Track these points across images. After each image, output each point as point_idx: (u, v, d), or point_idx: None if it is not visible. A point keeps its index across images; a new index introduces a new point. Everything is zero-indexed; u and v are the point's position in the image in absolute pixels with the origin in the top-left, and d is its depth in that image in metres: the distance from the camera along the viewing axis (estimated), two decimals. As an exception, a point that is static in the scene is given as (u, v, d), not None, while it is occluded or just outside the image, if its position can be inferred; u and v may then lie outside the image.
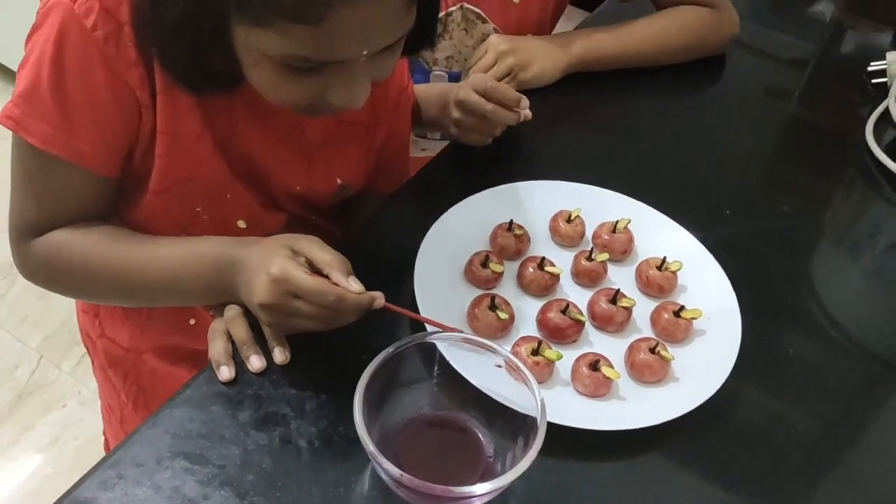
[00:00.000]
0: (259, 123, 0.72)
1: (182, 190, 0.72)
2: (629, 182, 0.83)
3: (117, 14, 0.63)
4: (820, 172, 0.95)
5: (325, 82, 0.61)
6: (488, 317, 0.69)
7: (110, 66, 0.64)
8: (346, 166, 0.80)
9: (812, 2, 1.32)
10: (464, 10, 0.99)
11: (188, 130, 0.69)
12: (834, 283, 0.81)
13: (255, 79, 0.62)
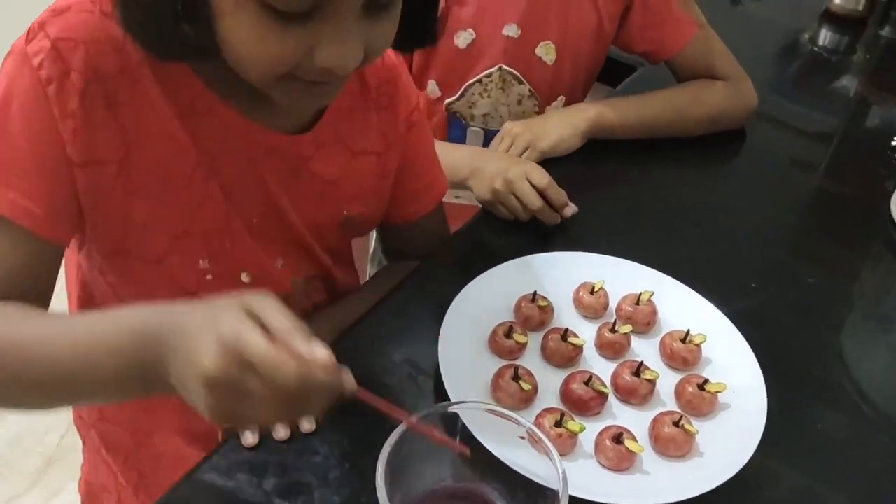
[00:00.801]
0: (262, 163, 0.70)
1: (181, 246, 0.69)
2: (653, 253, 0.83)
3: (67, 57, 0.59)
4: (845, 245, 0.96)
5: (314, 36, 0.55)
6: (511, 387, 0.69)
7: (50, 111, 0.59)
8: (359, 198, 0.78)
9: (836, 77, 1.34)
10: (502, 72, 1.03)
11: (177, 175, 0.65)
12: (862, 356, 0.81)
13: (232, 32, 0.56)
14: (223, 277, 0.72)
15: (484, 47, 1.02)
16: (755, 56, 1.29)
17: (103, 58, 0.60)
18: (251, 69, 0.58)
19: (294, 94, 0.60)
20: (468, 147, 1.06)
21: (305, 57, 0.56)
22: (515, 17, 1.00)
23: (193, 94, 0.65)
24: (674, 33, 1.04)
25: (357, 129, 0.75)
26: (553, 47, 1.02)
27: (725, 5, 1.47)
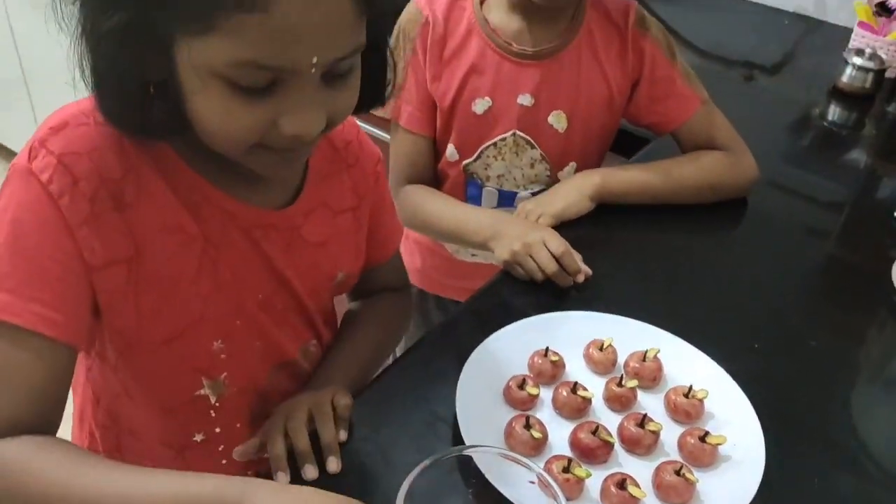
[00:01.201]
0: (263, 241, 0.74)
1: (194, 331, 0.72)
2: (660, 314, 0.89)
3: (74, 168, 0.63)
4: (849, 310, 1.00)
5: (277, 107, 0.59)
6: (523, 435, 0.74)
7: (65, 222, 0.63)
8: (346, 256, 0.83)
9: (846, 150, 1.40)
10: (515, 137, 1.11)
11: (188, 264, 0.69)
12: (860, 414, 0.84)
13: (202, 109, 0.60)
14: (236, 354, 0.76)
15: (499, 114, 1.10)
16: (769, 129, 1.36)
17: (106, 163, 0.64)
18: (222, 142, 0.63)
19: (268, 163, 0.65)
20: (491, 211, 1.13)
21: (271, 127, 0.60)
22: (529, 88, 1.08)
23: (190, 185, 0.69)
24: (678, 107, 1.11)
25: (335, 190, 0.80)
26: (564, 116, 1.10)
27: (739, 81, 1.54)
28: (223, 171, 0.70)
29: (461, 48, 1.09)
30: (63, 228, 0.63)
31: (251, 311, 0.76)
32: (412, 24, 1.10)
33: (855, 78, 1.41)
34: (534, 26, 1.08)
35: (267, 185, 0.74)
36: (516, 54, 1.08)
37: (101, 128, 0.64)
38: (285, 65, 0.57)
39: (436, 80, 1.10)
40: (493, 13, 1.09)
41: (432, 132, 1.14)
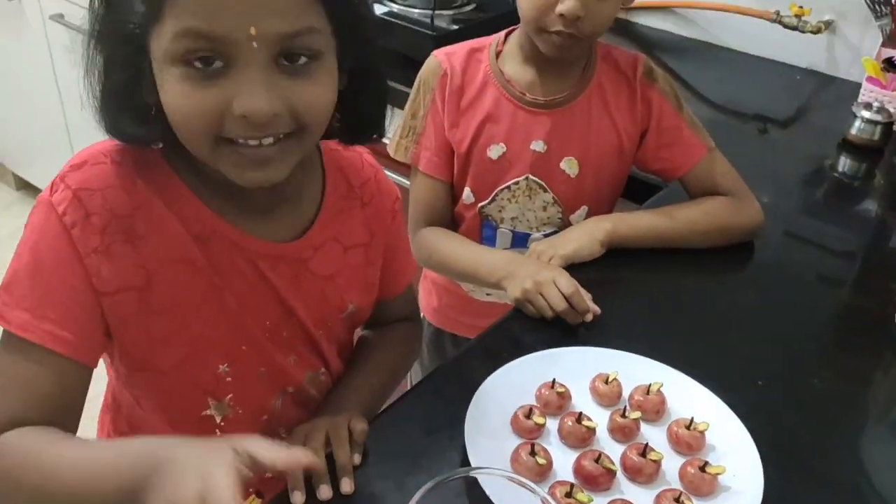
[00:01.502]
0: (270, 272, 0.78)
1: (201, 354, 0.77)
2: (666, 351, 0.92)
3: (87, 203, 0.69)
4: (853, 352, 1.02)
5: (230, 90, 0.63)
6: (529, 462, 0.77)
7: (76, 251, 0.69)
8: (356, 289, 0.87)
9: (858, 201, 1.43)
10: (528, 181, 1.16)
11: (195, 293, 0.74)
12: (860, 451, 0.86)
13: (167, 101, 0.65)
14: (241, 378, 0.80)
15: (513, 159, 1.15)
16: (783, 180, 1.40)
17: (118, 200, 0.70)
18: (185, 129, 0.66)
19: (237, 163, 0.67)
20: (504, 252, 1.18)
21: (227, 110, 0.64)
22: (542, 135, 1.14)
23: (201, 219, 0.74)
24: (684, 154, 1.16)
25: (347, 226, 0.85)
26: (576, 162, 1.15)
27: (754, 134, 1.58)
28: (234, 205, 0.76)
29: (478, 98, 1.15)
30: (74, 256, 0.69)
31: (257, 337, 0.80)
32: (432, 76, 1.16)
33: (863, 130, 1.44)
34: (546, 77, 1.14)
35: (277, 218, 0.79)
36: (529, 103, 1.14)
37: (116, 167, 0.71)
38: (220, 31, 0.61)
39: (453, 128, 1.16)
40: (508, 65, 1.15)
41: (450, 177, 1.20)
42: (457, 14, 1.64)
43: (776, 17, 1.68)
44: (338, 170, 0.85)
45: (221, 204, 0.76)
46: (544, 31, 1.05)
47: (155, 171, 0.74)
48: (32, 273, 0.70)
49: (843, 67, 1.70)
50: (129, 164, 0.72)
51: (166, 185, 0.74)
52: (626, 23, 1.94)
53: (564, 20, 1.02)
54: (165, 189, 0.73)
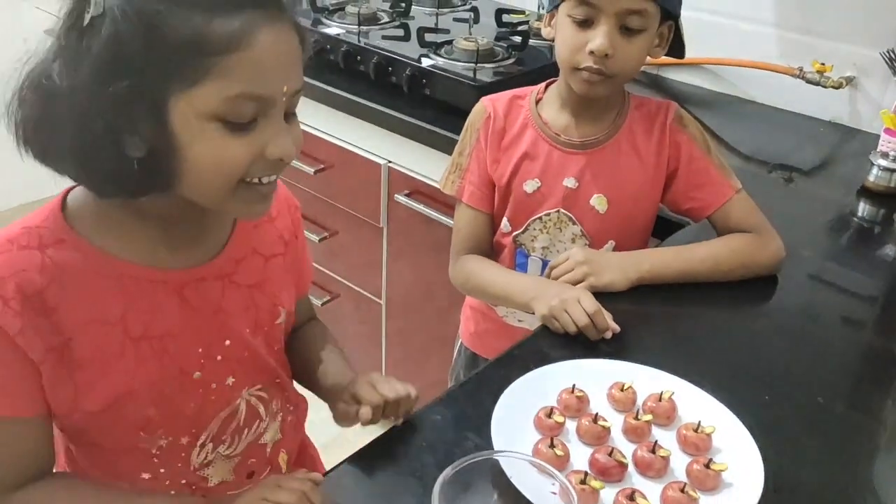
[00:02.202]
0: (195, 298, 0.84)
1: (125, 402, 0.81)
2: (680, 367, 1.00)
3: (2, 292, 0.74)
4: (860, 379, 1.09)
5: (261, 138, 0.73)
6: (547, 453, 0.86)
7: (6, 334, 0.74)
8: (284, 294, 0.94)
9: (878, 246, 1.50)
10: (560, 214, 1.26)
11: (110, 348, 0.79)
12: (857, 461, 0.93)
13: (198, 155, 0.71)
14: (169, 416, 0.85)
15: (547, 194, 1.26)
16: (807, 225, 1.48)
17: (28, 280, 0.75)
18: (216, 176, 0.74)
19: (249, 201, 0.78)
20: (534, 277, 1.28)
21: (258, 156, 0.74)
22: (574, 172, 1.24)
23: (118, 272, 0.80)
24: (713, 195, 1.25)
25: (263, 239, 0.92)
26: (605, 199, 1.25)
27: (781, 183, 1.66)
28: (148, 249, 0.82)
29: (517, 138, 1.27)
30: (5, 339, 0.75)
31: (180, 378, 0.84)
32: (478, 118, 1.29)
33: (880, 178, 1.52)
34: (580, 121, 1.25)
35: (197, 245, 0.86)
36: (564, 144, 1.25)
37: (22, 251, 0.77)
38: (266, 92, 0.72)
39: (495, 164, 1.27)
40: (546, 111, 1.27)
41: (490, 208, 1.31)
42: (497, 67, 1.77)
43: (799, 73, 1.78)
44: None
45: (141, 246, 0.81)
46: (576, 68, 1.16)
47: (63, 244, 0.79)
48: None
49: (865, 120, 1.78)
50: (34, 246, 0.77)
51: (76, 251, 0.79)
52: (659, 78, 2.05)
53: (594, 57, 1.13)
54: (75, 259, 0.78)
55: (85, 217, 0.80)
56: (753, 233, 1.24)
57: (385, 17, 2.01)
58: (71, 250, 0.79)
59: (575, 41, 1.15)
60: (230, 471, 0.94)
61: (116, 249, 0.80)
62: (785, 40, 1.84)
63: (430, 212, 1.71)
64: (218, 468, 0.93)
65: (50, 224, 0.79)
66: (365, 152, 1.83)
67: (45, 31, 0.75)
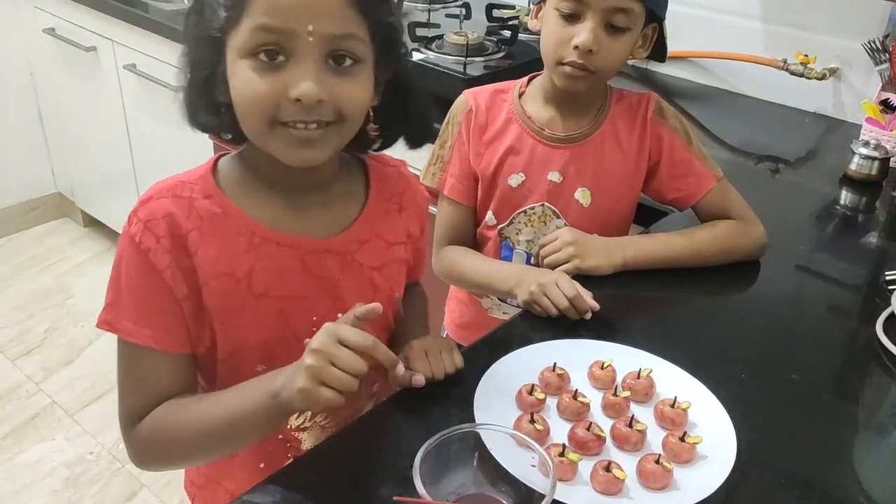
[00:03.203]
0: (316, 266, 0.91)
1: (241, 354, 0.90)
2: (660, 347, 1.03)
3: (155, 230, 0.84)
4: (835, 358, 1.13)
5: (287, 78, 0.78)
6: (528, 428, 0.88)
7: (155, 267, 0.84)
8: (400, 280, 1.01)
9: (860, 233, 1.53)
10: (544, 208, 1.29)
11: (234, 302, 0.87)
12: (826, 430, 0.96)
13: (235, 89, 0.80)
14: None
15: (531, 188, 1.28)
16: (793, 214, 1.51)
17: (177, 224, 0.85)
18: (248, 112, 0.81)
19: (289, 144, 0.82)
20: (516, 264, 1.31)
21: (283, 96, 0.79)
22: (558, 167, 1.27)
23: (251, 230, 0.88)
24: (696, 185, 1.28)
25: (389, 226, 0.98)
26: (589, 193, 1.27)
27: (767, 174, 1.69)
28: (285, 208, 0.90)
29: (502, 132, 1.29)
30: (155, 273, 0.85)
31: (290, 342, 0.90)
32: (459, 111, 1.31)
33: (862, 166, 1.55)
34: (564, 116, 1.28)
35: (324, 218, 0.92)
36: (548, 138, 1.27)
37: (175, 199, 0.86)
38: (285, 26, 0.77)
39: (478, 157, 1.30)
40: (530, 105, 1.30)
41: (472, 201, 1.34)
42: (487, 61, 1.80)
43: (783, 65, 1.81)
44: (380, 179, 1.00)
45: (273, 212, 0.90)
46: (560, 62, 1.19)
47: (211, 199, 0.88)
48: (129, 290, 0.86)
49: (849, 111, 1.82)
50: (185, 196, 0.87)
51: (220, 208, 0.88)
52: (647, 71, 2.09)
53: (578, 52, 1.16)
54: (219, 211, 0.87)
55: (229, 179, 0.90)
56: (736, 220, 1.27)
57: (377, 13, 2.04)
58: (215, 205, 0.88)
59: (560, 35, 1.18)
60: (322, 439, 0.98)
61: (252, 211, 0.89)
62: (769, 33, 1.87)
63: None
64: (312, 434, 1.00)
65: (201, 181, 0.89)
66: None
67: (43, 29, 0.85)
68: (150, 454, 0.90)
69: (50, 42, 2.66)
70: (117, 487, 2.02)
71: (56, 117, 2.93)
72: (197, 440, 0.86)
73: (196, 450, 0.89)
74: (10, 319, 2.62)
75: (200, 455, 0.92)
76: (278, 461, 0.95)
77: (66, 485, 2.03)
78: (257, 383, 0.84)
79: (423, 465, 0.77)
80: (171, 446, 0.88)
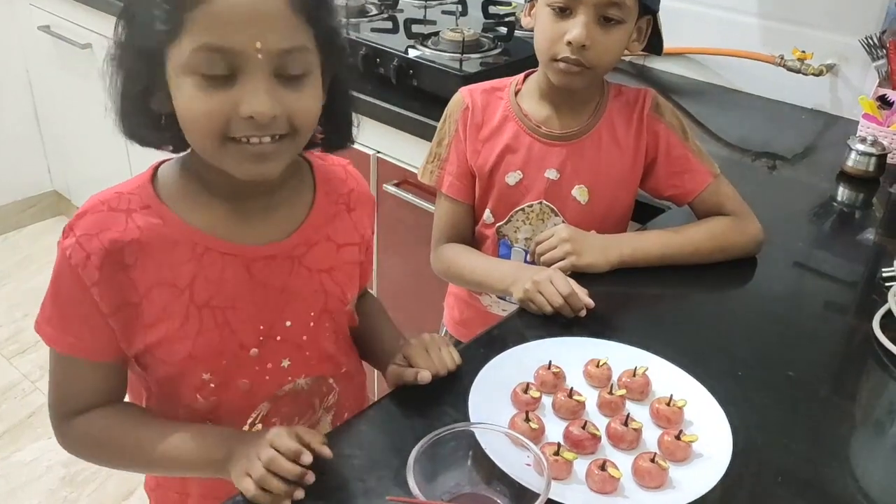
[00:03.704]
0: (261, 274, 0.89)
1: (185, 364, 0.89)
2: (656, 345, 1.03)
3: (87, 246, 0.82)
4: (831, 356, 1.12)
5: (236, 95, 0.75)
6: (522, 426, 0.88)
7: (83, 283, 0.83)
8: (352, 282, 0.99)
9: (858, 230, 1.52)
10: (542, 205, 1.28)
11: (172, 317, 0.86)
12: (823, 429, 0.95)
13: (180, 106, 0.78)
14: (223, 386, 0.91)
15: (529, 186, 1.28)
16: (790, 211, 1.50)
17: (112, 239, 0.83)
18: (195, 130, 0.79)
19: (241, 160, 0.80)
20: (513, 262, 1.30)
21: (233, 113, 0.76)
22: (555, 164, 1.26)
23: (194, 240, 0.86)
24: (693, 181, 1.27)
25: (339, 228, 0.96)
26: (586, 190, 1.27)
27: (765, 172, 1.69)
28: (230, 216, 0.88)
29: (499, 130, 1.29)
30: (83, 288, 0.84)
31: (235, 352, 0.90)
32: (456, 109, 1.31)
33: (859, 162, 1.54)
34: (560, 113, 1.27)
35: (270, 223, 0.90)
36: (545, 136, 1.27)
37: (112, 213, 0.84)
38: (232, 45, 0.74)
39: (475, 154, 1.29)
40: (526, 102, 1.29)
41: (469, 199, 1.33)
42: (484, 58, 1.79)
43: (780, 61, 1.80)
44: (326, 180, 0.97)
45: (215, 220, 0.87)
46: (554, 59, 1.18)
47: (148, 209, 0.85)
48: (56, 300, 0.87)
49: (846, 107, 1.81)
50: (122, 209, 0.85)
51: (159, 218, 0.85)
52: (644, 68, 2.08)
53: (572, 48, 1.15)
54: (158, 222, 0.85)
55: (170, 188, 0.88)
56: (732, 216, 1.26)
57: (373, 9, 2.04)
58: (154, 216, 0.85)
59: (553, 31, 1.17)
60: None
61: (194, 219, 0.87)
62: (766, 29, 1.86)
63: (419, 201, 1.73)
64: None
65: (139, 191, 0.87)
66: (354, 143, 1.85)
67: (38, 27, 0.84)
68: (81, 449, 0.93)
69: (45, 39, 2.65)
70: (113, 486, 2.02)
71: (52, 115, 2.92)
72: (132, 460, 0.92)
73: (130, 466, 0.95)
74: (6, 318, 2.61)
75: (135, 468, 0.97)
76: None
77: (63, 483, 2.02)
78: (205, 439, 0.87)
79: (416, 465, 0.76)
80: (107, 450, 0.92)
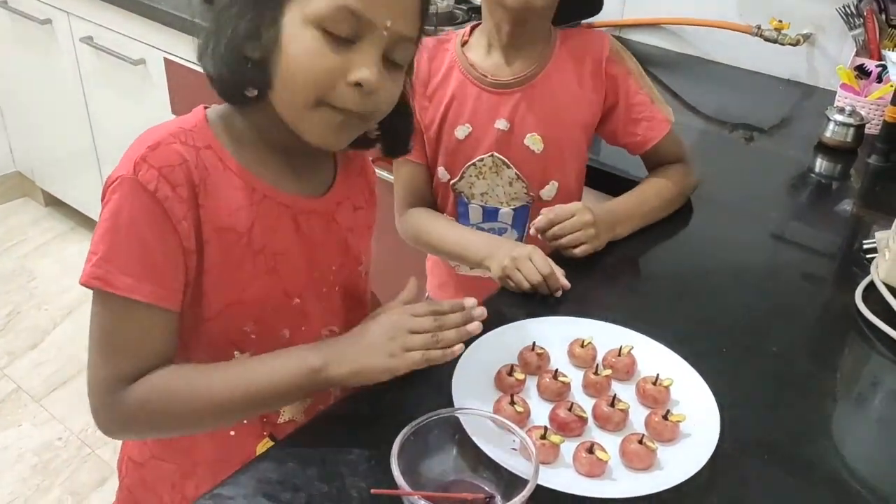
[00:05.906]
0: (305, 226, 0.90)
1: (231, 312, 0.87)
2: (640, 323, 1.01)
3: (171, 178, 0.79)
4: (814, 329, 1.12)
5: (351, 59, 0.77)
6: (508, 410, 0.86)
7: (170, 219, 0.79)
8: (365, 246, 1.00)
9: (836, 201, 1.52)
10: (494, 158, 1.26)
11: (233, 258, 0.84)
12: (809, 403, 0.95)
13: (293, 53, 0.77)
14: (263, 337, 0.90)
15: (479, 138, 1.25)
16: (768, 183, 1.49)
17: (190, 173, 0.81)
18: (301, 83, 0.78)
19: (325, 124, 0.81)
20: (486, 235, 1.27)
21: (342, 77, 0.78)
22: (504, 114, 1.24)
23: (252, 186, 0.85)
24: (651, 129, 1.26)
25: (354, 190, 0.98)
26: (539, 138, 1.24)
27: (741, 143, 1.68)
28: (274, 170, 0.88)
29: (444, 82, 1.26)
30: (169, 224, 0.80)
31: (281, 300, 0.90)
32: None
33: (837, 133, 1.54)
34: (510, 60, 1.23)
35: (307, 179, 0.91)
36: (492, 84, 1.24)
37: (184, 146, 0.82)
38: (367, 14, 0.76)
39: (423, 111, 1.26)
40: (472, 51, 1.26)
41: (425, 159, 1.30)
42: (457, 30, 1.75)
43: (757, 31, 1.79)
44: None
45: (270, 170, 0.88)
46: None
47: (211, 150, 0.84)
48: (134, 242, 0.79)
49: (823, 77, 1.80)
50: (192, 145, 0.82)
51: (221, 160, 0.84)
52: (620, 39, 2.05)
53: None
54: (221, 163, 0.84)
55: (226, 133, 0.86)
56: (680, 162, 1.28)
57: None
58: (215, 158, 0.84)
59: None
60: (301, 411, 0.97)
61: (252, 167, 0.86)
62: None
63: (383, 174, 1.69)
64: (291, 406, 0.96)
65: (199, 131, 0.84)
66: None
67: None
68: (139, 419, 0.83)
69: (3, 15, 2.57)
70: (87, 473, 1.98)
71: (12, 93, 2.83)
72: (209, 407, 0.83)
73: (203, 418, 0.85)
74: (-28, 303, 2.55)
75: (206, 423, 0.88)
76: (252, 430, 0.93)
77: (35, 472, 1.98)
78: (289, 357, 0.84)
79: (401, 454, 0.74)
80: (172, 411, 0.83)
